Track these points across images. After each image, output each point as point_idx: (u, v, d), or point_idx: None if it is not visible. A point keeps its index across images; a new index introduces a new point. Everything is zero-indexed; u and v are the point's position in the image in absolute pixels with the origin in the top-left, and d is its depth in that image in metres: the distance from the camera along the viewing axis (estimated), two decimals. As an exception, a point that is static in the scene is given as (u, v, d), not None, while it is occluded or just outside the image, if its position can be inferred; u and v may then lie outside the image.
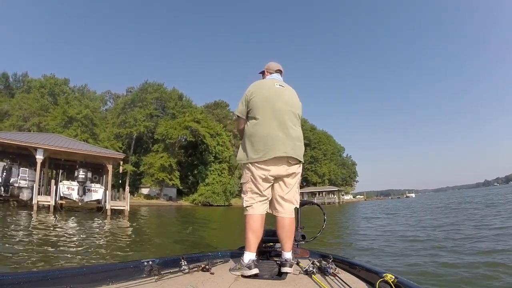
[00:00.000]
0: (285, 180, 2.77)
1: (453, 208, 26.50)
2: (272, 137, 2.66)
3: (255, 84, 2.94)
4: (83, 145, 27.82)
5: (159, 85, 69.75)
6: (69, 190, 23.52)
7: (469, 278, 5.73)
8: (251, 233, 2.63)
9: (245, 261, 2.48)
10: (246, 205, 2.72)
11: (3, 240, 9.52)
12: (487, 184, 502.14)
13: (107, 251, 9.29)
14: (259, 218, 2.69)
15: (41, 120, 53.80)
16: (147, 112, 64.78)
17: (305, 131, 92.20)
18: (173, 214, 33.65)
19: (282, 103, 2.79)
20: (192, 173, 69.90)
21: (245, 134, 2.83)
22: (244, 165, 2.77)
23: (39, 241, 9.96)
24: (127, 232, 15.13)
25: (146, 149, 67.00)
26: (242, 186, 2.82)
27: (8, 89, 66.96)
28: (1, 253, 7.48)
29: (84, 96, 67.24)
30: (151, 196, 63.47)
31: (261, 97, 2.78)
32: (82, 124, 55.17)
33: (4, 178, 22.90)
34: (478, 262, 6.74)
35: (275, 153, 2.63)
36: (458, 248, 8.51)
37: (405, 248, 9.17)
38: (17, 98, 57.64)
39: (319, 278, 2.27)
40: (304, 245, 3.39)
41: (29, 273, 2.30)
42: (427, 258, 7.47)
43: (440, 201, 46.84)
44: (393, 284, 1.87)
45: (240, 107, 2.90)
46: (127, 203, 24.47)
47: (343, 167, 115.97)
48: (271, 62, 3.17)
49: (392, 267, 6.82)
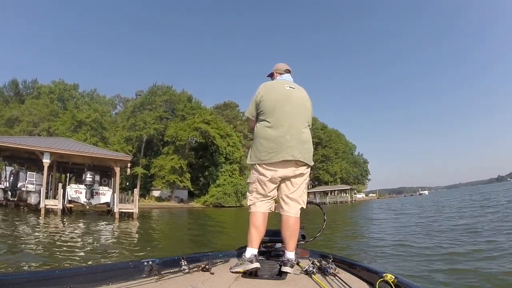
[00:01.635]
0: (292, 180, 2.81)
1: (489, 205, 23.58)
2: (280, 140, 2.71)
3: (265, 86, 2.96)
4: (89, 148, 27.51)
5: (168, 88, 69.54)
6: (76, 194, 23.35)
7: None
8: (254, 229, 2.70)
9: (247, 255, 2.54)
10: (251, 203, 2.83)
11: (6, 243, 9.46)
12: (501, 179, 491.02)
13: (104, 254, 9.08)
14: (262, 215, 2.76)
15: (51, 125, 54.12)
16: (157, 114, 64.56)
17: (316, 130, 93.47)
18: (184, 216, 33.31)
19: (291, 106, 2.82)
20: (203, 175, 69.68)
21: (255, 136, 2.89)
22: (252, 166, 2.86)
23: (39, 244, 9.84)
24: (132, 235, 14.81)
25: (156, 152, 66.81)
26: (248, 185, 2.89)
27: (18, 96, 67.47)
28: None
29: (93, 101, 67.50)
30: (162, 198, 63.39)
31: (271, 100, 2.81)
32: (91, 128, 55.33)
33: (12, 182, 22.74)
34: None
35: (283, 156, 2.68)
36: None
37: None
38: (27, 104, 58.10)
39: (319, 278, 2.27)
40: (309, 245, 3.38)
41: (29, 273, 2.24)
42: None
43: (460, 198, 43.97)
44: (393, 284, 1.86)
45: (250, 108, 2.96)
46: (135, 205, 24.07)
47: (354, 166, 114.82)
48: (279, 63, 3.19)
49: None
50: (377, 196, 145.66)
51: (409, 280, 1.95)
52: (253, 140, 2.93)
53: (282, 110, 2.77)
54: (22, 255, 8.00)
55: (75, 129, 53.86)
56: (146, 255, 8.85)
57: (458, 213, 20.29)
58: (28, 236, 11.79)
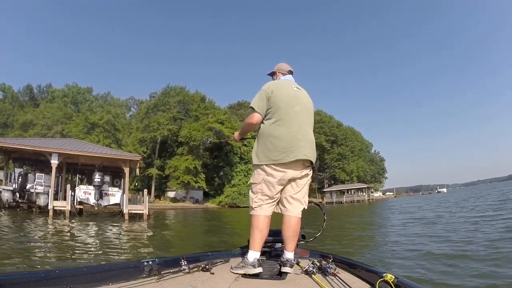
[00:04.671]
0: (297, 181, 2.76)
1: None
2: (293, 139, 2.66)
3: (274, 83, 2.90)
4: (98, 148, 27.11)
5: (181, 88, 69.47)
6: (85, 195, 23.00)
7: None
8: (258, 232, 2.64)
9: (249, 259, 2.49)
10: (255, 206, 2.71)
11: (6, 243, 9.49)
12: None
13: (100, 256, 8.84)
14: (266, 219, 2.69)
15: (64, 128, 54.58)
16: (170, 115, 64.60)
17: (331, 128, 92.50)
18: (198, 217, 32.75)
19: (300, 106, 2.80)
20: (218, 175, 69.81)
21: (261, 134, 2.79)
22: (258, 166, 2.74)
23: (38, 244, 9.92)
24: (135, 237, 14.29)
25: (171, 153, 66.75)
26: (252, 187, 2.78)
27: (33, 100, 68.61)
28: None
29: (107, 103, 67.90)
30: (177, 199, 63.28)
31: (282, 98, 2.74)
32: (104, 129, 55.63)
33: (20, 184, 22.47)
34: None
35: (296, 156, 2.63)
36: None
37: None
38: (41, 107, 58.80)
39: (319, 278, 2.26)
40: (310, 245, 3.38)
41: (29, 273, 2.19)
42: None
43: (489, 196, 38.75)
44: (393, 284, 1.85)
45: (259, 102, 2.78)
46: (145, 206, 23.53)
47: (371, 164, 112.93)
48: (281, 63, 3.15)
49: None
50: (394, 195, 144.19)
51: (409, 280, 1.92)
52: (258, 139, 2.80)
53: (293, 110, 2.73)
54: (22, 255, 7.96)
55: (88, 131, 54.43)
56: (145, 256, 8.42)
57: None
58: (29, 236, 11.78)
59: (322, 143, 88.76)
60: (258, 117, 2.77)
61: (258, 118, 2.78)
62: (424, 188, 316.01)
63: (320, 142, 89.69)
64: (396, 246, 9.87)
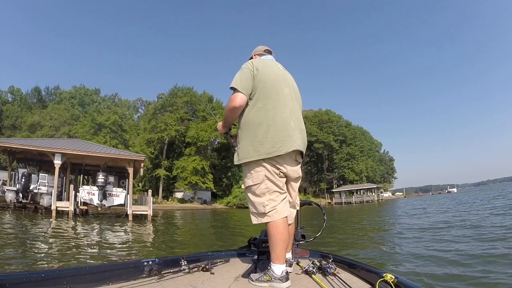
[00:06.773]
0: (292, 185, 2.45)
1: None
2: (287, 126, 2.26)
3: (258, 61, 2.44)
4: (102, 148, 26.83)
5: (188, 89, 69.34)
6: (89, 195, 22.67)
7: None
8: (282, 243, 2.18)
9: (277, 273, 2.10)
10: (268, 209, 2.21)
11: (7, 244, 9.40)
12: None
13: (96, 257, 8.53)
14: (285, 222, 2.25)
15: (71, 129, 54.72)
16: (178, 116, 64.49)
17: (340, 127, 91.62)
18: (205, 218, 32.26)
19: (289, 89, 2.44)
20: (226, 176, 69.63)
21: (247, 122, 2.30)
22: (252, 163, 2.26)
23: (38, 244, 9.76)
24: (136, 237, 13.95)
25: (179, 154, 66.69)
26: (252, 190, 2.29)
27: (41, 102, 69.08)
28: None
29: (115, 105, 68.06)
30: (185, 200, 63.03)
31: (269, 77, 2.32)
32: (111, 130, 55.57)
33: (23, 184, 22.28)
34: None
35: (292, 146, 2.24)
36: None
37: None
38: (48, 109, 59.06)
39: (319, 278, 2.23)
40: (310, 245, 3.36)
41: (29, 273, 2.01)
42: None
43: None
44: (393, 284, 1.84)
45: (244, 81, 2.28)
46: (150, 207, 23.16)
47: (380, 164, 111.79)
48: (257, 46, 2.73)
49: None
50: (404, 195, 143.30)
51: (409, 280, 1.90)
52: (242, 130, 2.33)
53: (283, 93, 2.35)
54: (22, 255, 7.88)
55: (95, 132, 54.64)
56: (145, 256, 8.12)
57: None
58: (30, 236, 11.60)
59: (330, 143, 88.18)
60: (242, 98, 2.27)
61: (242, 99, 2.27)
62: (433, 188, 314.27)
63: (329, 142, 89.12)
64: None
